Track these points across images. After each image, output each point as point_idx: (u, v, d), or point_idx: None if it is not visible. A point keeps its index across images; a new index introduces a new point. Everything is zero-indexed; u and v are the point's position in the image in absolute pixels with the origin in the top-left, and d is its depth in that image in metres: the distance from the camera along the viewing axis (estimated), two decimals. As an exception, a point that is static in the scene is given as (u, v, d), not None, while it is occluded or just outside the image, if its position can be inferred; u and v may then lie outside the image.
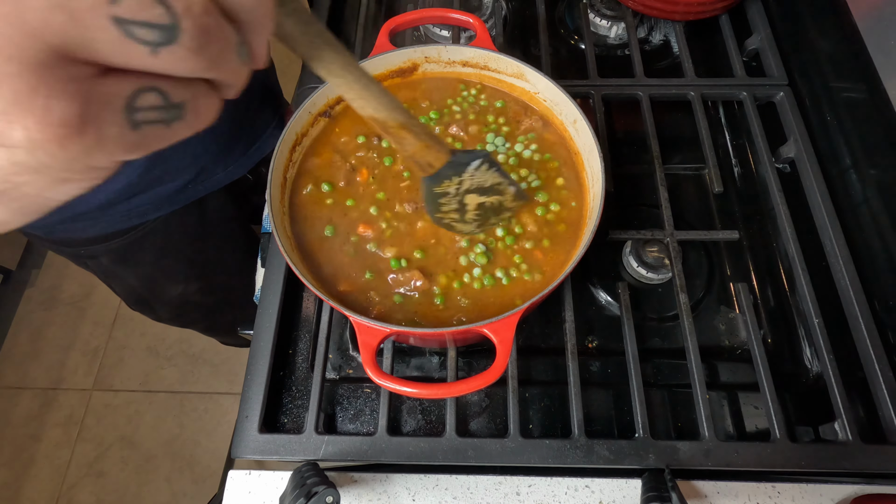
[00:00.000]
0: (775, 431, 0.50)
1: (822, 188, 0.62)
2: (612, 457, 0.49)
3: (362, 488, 0.52)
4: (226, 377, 1.63)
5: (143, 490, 1.49)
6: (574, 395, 0.52)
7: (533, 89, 0.58)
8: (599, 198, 0.49)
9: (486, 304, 0.50)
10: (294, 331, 0.61)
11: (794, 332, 0.61)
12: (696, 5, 0.72)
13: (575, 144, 0.57)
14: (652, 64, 0.78)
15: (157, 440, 1.55)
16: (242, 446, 0.51)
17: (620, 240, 0.62)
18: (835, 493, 0.51)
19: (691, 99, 0.69)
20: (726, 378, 0.59)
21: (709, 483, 0.51)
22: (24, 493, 1.49)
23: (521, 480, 0.52)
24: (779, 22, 0.75)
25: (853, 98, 0.63)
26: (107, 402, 1.60)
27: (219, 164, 0.75)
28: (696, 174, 0.70)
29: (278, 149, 0.52)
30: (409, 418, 0.57)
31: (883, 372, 0.52)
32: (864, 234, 0.59)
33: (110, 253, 0.78)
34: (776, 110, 0.70)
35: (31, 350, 1.68)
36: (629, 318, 0.56)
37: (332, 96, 0.57)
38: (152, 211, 0.73)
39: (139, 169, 0.65)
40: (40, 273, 1.80)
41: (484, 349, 0.60)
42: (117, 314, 1.73)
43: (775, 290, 0.64)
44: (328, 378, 0.59)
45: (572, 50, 0.81)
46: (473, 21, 0.61)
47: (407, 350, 0.61)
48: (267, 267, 0.60)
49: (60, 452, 1.54)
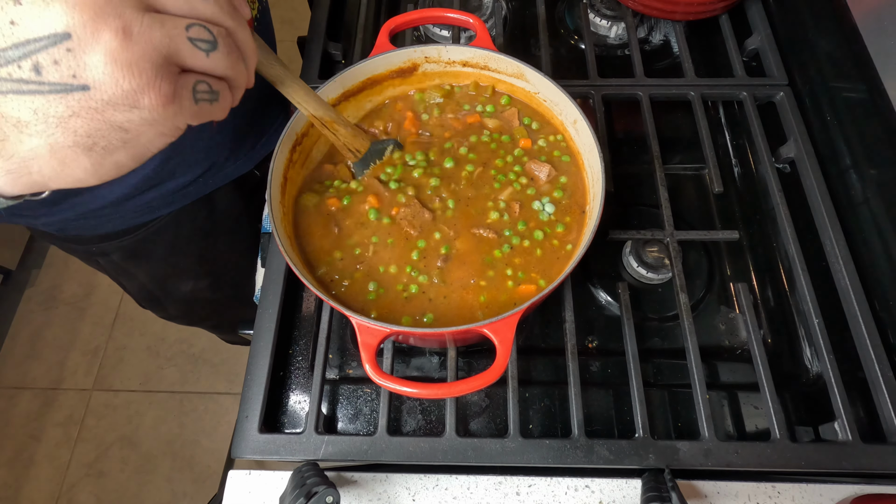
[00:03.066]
0: (775, 431, 0.50)
1: (822, 188, 0.62)
2: (612, 457, 0.49)
3: (362, 488, 0.52)
4: (226, 377, 1.63)
5: (143, 490, 1.49)
6: (574, 395, 0.52)
7: (533, 89, 0.58)
8: (599, 198, 0.49)
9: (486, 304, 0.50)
10: (294, 331, 0.61)
11: (794, 332, 0.61)
12: (696, 5, 0.72)
13: (575, 144, 0.57)
14: (652, 64, 0.78)
15: (157, 440, 1.55)
16: (242, 446, 0.51)
17: (620, 240, 0.62)
18: (835, 493, 0.51)
19: (691, 99, 0.69)
20: (726, 378, 0.59)
21: (709, 483, 0.51)
22: (24, 493, 1.49)
23: (521, 480, 0.52)
24: (779, 22, 0.75)
25: (853, 98, 0.63)
26: (107, 402, 1.60)
27: (228, 158, 0.76)
28: (696, 174, 0.70)
29: (278, 149, 0.52)
30: (409, 418, 0.57)
31: (883, 372, 0.52)
32: (864, 234, 0.59)
33: (121, 250, 0.78)
34: (776, 110, 0.70)
35: (31, 350, 1.68)
36: (629, 318, 0.56)
37: (332, 96, 0.57)
38: (163, 206, 0.74)
39: (156, 161, 0.66)
40: (40, 273, 1.80)
41: (484, 349, 0.60)
42: (117, 314, 1.73)
43: (775, 290, 0.64)
44: (328, 378, 0.59)
45: (572, 50, 0.81)
46: (473, 21, 0.61)
47: (407, 350, 0.61)
48: (267, 267, 0.60)
49: (60, 452, 1.54)
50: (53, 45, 0.27)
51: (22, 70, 0.27)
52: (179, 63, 0.30)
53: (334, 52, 0.77)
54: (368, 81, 0.59)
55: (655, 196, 0.63)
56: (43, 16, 0.26)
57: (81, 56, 0.27)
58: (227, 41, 0.31)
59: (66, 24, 0.26)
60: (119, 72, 0.27)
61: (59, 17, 0.26)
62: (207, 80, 0.31)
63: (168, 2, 0.29)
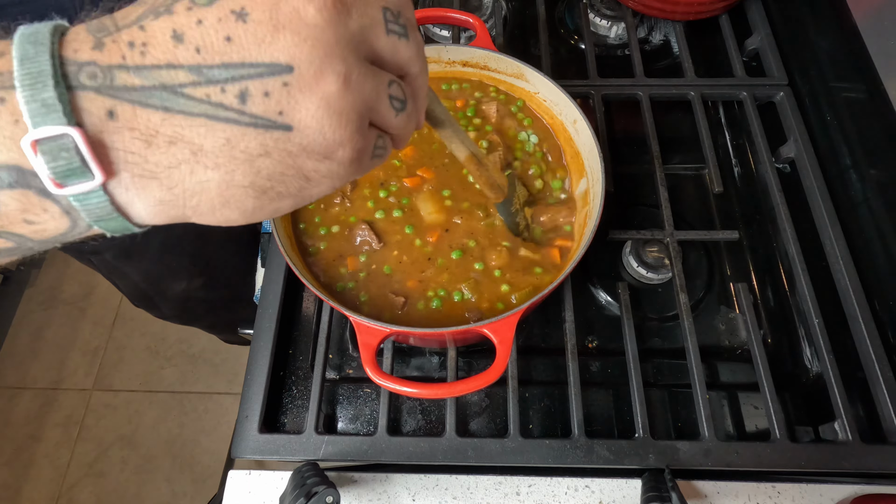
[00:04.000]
0: (775, 431, 0.50)
1: (822, 188, 0.62)
2: (612, 457, 0.49)
3: (362, 488, 0.52)
4: (226, 377, 1.63)
5: (143, 490, 1.49)
6: (574, 395, 0.52)
7: (533, 89, 0.58)
8: (599, 198, 0.49)
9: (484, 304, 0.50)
10: (294, 331, 0.61)
11: (794, 332, 0.61)
12: (696, 5, 0.72)
13: (575, 144, 0.57)
14: (652, 64, 0.78)
15: (157, 440, 1.55)
16: (242, 446, 0.51)
17: (620, 240, 0.62)
18: (835, 493, 0.51)
19: (691, 99, 0.69)
20: (726, 378, 0.59)
21: (709, 483, 0.51)
22: (24, 493, 1.49)
23: (521, 480, 0.52)
24: (779, 22, 0.74)
25: (853, 98, 0.63)
26: (107, 402, 1.60)
27: None
28: (696, 174, 0.70)
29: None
30: (409, 418, 0.57)
31: (883, 372, 0.52)
32: (864, 234, 0.59)
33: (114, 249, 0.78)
34: (776, 110, 0.70)
35: (31, 350, 1.68)
36: (629, 318, 0.56)
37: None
38: None
39: None
40: (40, 273, 1.79)
41: (484, 349, 0.60)
42: (117, 314, 1.73)
43: (775, 290, 0.64)
44: (328, 378, 0.58)
45: (572, 50, 0.81)
46: (473, 21, 0.61)
47: (407, 350, 0.61)
48: (267, 267, 0.60)
49: (60, 452, 1.54)
50: (271, 75, 0.23)
51: (224, 95, 0.23)
52: (372, 119, 0.27)
53: (334, 52, 0.77)
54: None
55: (655, 196, 0.63)
56: (268, 41, 0.23)
57: (297, 94, 0.24)
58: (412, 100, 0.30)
59: (291, 56, 0.23)
60: (328, 119, 0.25)
61: (286, 47, 0.23)
62: (385, 137, 0.29)
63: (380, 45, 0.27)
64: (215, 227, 0.30)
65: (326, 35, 0.24)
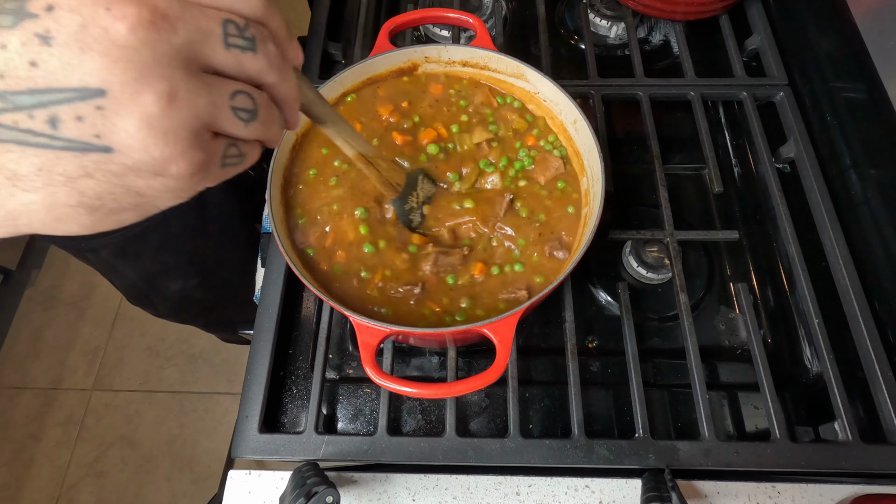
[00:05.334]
0: (775, 431, 0.50)
1: (822, 188, 0.62)
2: (612, 457, 0.49)
3: (362, 488, 0.52)
4: (226, 377, 1.63)
5: (143, 490, 1.49)
6: (574, 395, 0.52)
7: (533, 89, 0.58)
8: (599, 198, 0.49)
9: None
10: (294, 331, 0.61)
11: (794, 332, 0.61)
12: (696, 5, 0.72)
13: (575, 144, 0.57)
14: (652, 64, 0.78)
15: (157, 440, 1.54)
16: (242, 446, 0.51)
17: (620, 240, 0.62)
18: (835, 493, 0.51)
19: (691, 99, 0.69)
20: (726, 378, 0.59)
21: (709, 483, 0.51)
22: (24, 493, 1.49)
23: (521, 480, 0.52)
24: (779, 22, 0.74)
25: (853, 98, 0.63)
26: (107, 402, 1.60)
27: None
28: (696, 174, 0.70)
29: (278, 149, 0.52)
30: (409, 418, 0.57)
31: (883, 372, 0.52)
32: (864, 234, 0.59)
33: (110, 247, 0.78)
34: (776, 110, 0.70)
35: (31, 350, 1.68)
36: (629, 318, 0.56)
37: (332, 96, 0.57)
38: None
39: None
40: (40, 273, 1.80)
41: (484, 349, 0.60)
42: (117, 314, 1.73)
43: (775, 290, 0.64)
44: (328, 378, 0.59)
45: (572, 50, 0.81)
46: (473, 21, 0.61)
47: (407, 350, 0.61)
48: (267, 267, 0.60)
49: (60, 452, 1.54)
50: (81, 100, 0.23)
51: (33, 120, 0.23)
52: (215, 130, 0.27)
53: (334, 52, 0.77)
54: (368, 81, 0.59)
55: (655, 196, 0.63)
56: (74, 64, 0.22)
57: (113, 117, 0.23)
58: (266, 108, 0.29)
59: (101, 79, 0.22)
60: (152, 139, 0.24)
61: (95, 70, 0.22)
62: (238, 145, 0.29)
63: (218, 60, 0.26)
64: (213, 226, 0.31)
65: (141, 55, 0.23)
